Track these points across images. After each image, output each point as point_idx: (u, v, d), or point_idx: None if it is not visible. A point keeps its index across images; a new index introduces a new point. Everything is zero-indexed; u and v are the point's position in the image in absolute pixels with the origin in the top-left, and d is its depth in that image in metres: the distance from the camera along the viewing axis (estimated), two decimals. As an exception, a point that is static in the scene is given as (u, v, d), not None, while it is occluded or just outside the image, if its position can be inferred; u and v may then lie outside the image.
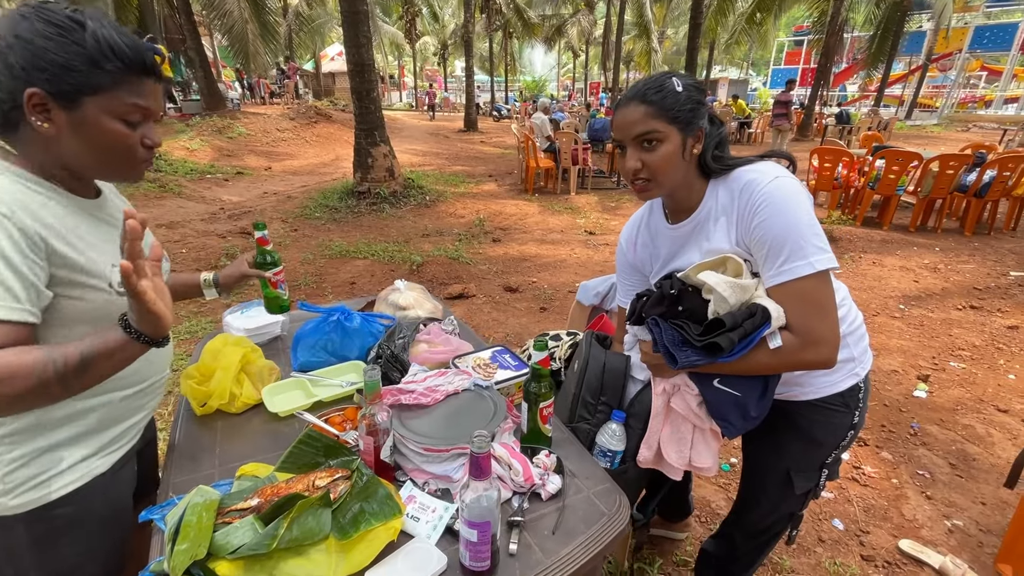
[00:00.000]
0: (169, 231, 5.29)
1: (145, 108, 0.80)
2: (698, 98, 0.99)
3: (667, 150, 0.98)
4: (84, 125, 0.76)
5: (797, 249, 0.92)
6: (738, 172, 1.02)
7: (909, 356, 3.22)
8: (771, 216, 0.94)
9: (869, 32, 17.84)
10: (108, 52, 0.74)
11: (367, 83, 6.34)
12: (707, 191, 1.06)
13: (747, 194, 0.98)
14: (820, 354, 0.96)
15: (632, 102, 0.99)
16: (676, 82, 0.98)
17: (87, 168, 0.82)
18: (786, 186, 0.95)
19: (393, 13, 27.39)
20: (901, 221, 6.20)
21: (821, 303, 0.94)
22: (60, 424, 0.84)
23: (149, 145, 0.83)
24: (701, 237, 1.07)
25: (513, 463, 0.93)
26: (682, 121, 0.98)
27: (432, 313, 1.52)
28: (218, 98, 12.12)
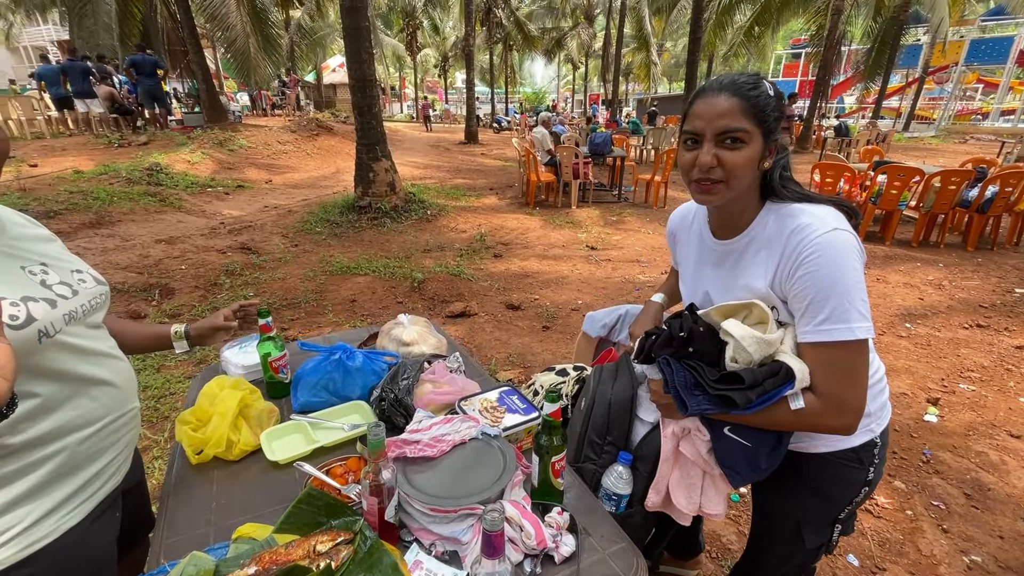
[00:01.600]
0: (168, 246, 5.25)
1: None
2: (782, 108, 0.94)
3: (748, 153, 0.91)
4: None
5: (841, 311, 0.87)
6: (795, 208, 0.95)
7: (918, 378, 3.17)
8: (819, 270, 0.88)
9: (867, 45, 17.99)
10: None
11: (369, 98, 6.35)
12: (759, 214, 1.00)
13: (797, 238, 0.91)
14: (842, 421, 0.92)
15: (724, 92, 0.91)
16: (768, 86, 0.92)
17: None
18: (842, 241, 0.88)
19: (395, 26, 27.63)
20: (903, 236, 6.18)
21: (853, 370, 0.89)
22: (15, 477, 0.79)
23: None
24: (737, 266, 1.02)
25: (525, 524, 0.88)
26: (768, 127, 0.92)
27: (436, 349, 1.48)
28: (220, 110, 12.15)
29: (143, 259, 4.78)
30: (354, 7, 5.97)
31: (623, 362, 1.26)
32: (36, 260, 0.89)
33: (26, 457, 0.80)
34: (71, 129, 10.58)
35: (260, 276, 4.64)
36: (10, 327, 0.77)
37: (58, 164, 8.03)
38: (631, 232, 6.58)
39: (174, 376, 2.99)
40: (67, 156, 8.47)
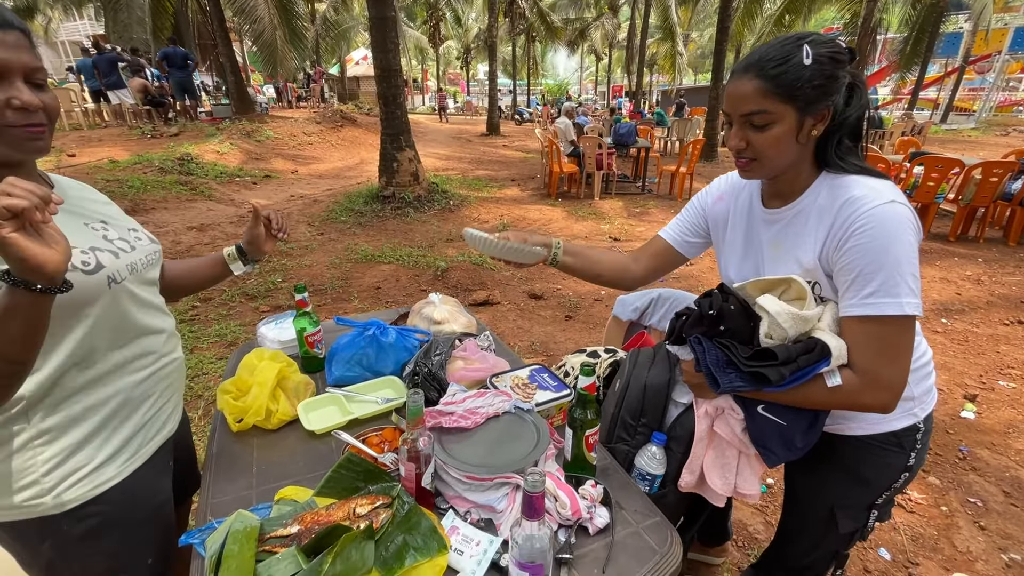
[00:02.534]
0: (200, 233, 5.39)
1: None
2: (831, 71, 0.87)
3: (778, 132, 0.89)
4: None
5: (891, 285, 0.84)
6: (850, 180, 0.91)
7: (954, 374, 3.08)
8: (871, 242, 0.85)
9: (903, 34, 17.32)
10: None
11: (393, 88, 6.38)
12: (813, 184, 0.96)
13: (849, 210, 0.88)
14: (879, 399, 0.89)
15: (747, 75, 0.89)
16: (806, 51, 0.86)
17: None
18: (898, 214, 0.85)
19: (418, 18, 27.69)
20: (940, 230, 5.97)
21: (897, 347, 0.86)
22: (83, 417, 0.85)
23: (18, 106, 0.72)
24: (786, 237, 0.99)
25: (559, 494, 0.89)
26: (803, 100, 0.87)
27: (467, 328, 1.49)
28: (247, 102, 12.37)
29: (175, 245, 4.91)
30: (380, -3, 5.99)
31: (661, 349, 1.24)
32: (97, 218, 0.93)
33: (87, 398, 0.85)
34: (106, 120, 10.91)
35: (287, 263, 4.73)
36: (83, 272, 0.81)
37: (95, 154, 8.30)
38: (655, 224, 6.50)
39: (207, 357, 3.08)
40: (103, 146, 8.73)
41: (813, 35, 0.89)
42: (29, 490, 0.81)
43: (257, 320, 3.57)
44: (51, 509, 0.83)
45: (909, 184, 5.84)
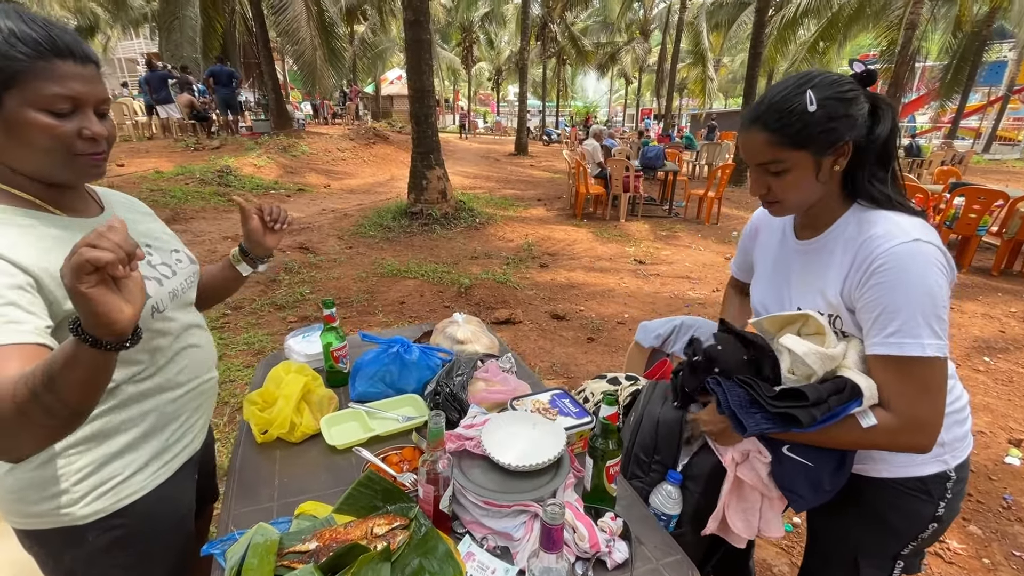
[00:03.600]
0: (234, 243, 5.56)
1: (71, 95, 0.72)
2: (841, 111, 0.86)
3: (795, 177, 0.89)
4: (11, 123, 0.71)
5: (912, 325, 0.82)
6: (879, 215, 0.89)
7: (997, 416, 2.92)
8: (892, 282, 0.83)
9: (943, 62, 16.95)
10: (12, 39, 0.68)
11: (426, 108, 6.55)
12: (844, 216, 0.94)
13: (870, 247, 0.86)
14: (916, 439, 0.86)
15: (754, 127, 0.89)
16: (809, 98, 0.85)
17: (35, 171, 0.76)
18: (922, 253, 0.82)
19: (452, 40, 28.46)
20: (982, 263, 5.73)
21: (927, 387, 0.84)
22: (120, 430, 0.87)
23: (88, 136, 0.75)
24: (813, 268, 0.98)
25: (578, 526, 0.87)
26: (815, 144, 0.86)
27: (489, 349, 1.50)
28: (286, 118, 12.86)
29: (211, 253, 5.09)
30: (417, 21, 6.19)
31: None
32: (142, 241, 0.94)
33: (125, 413, 0.87)
34: (154, 133, 11.48)
35: (316, 275, 4.84)
36: None
37: (141, 165, 8.72)
38: (681, 248, 6.43)
39: (234, 364, 3.16)
40: (149, 157, 9.17)
41: (818, 77, 0.88)
42: (58, 499, 0.82)
43: (284, 330, 3.67)
44: (77, 520, 0.84)
45: (949, 215, 5.66)
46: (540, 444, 0.97)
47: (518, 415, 1.07)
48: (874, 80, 0.90)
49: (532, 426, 1.04)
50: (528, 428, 1.03)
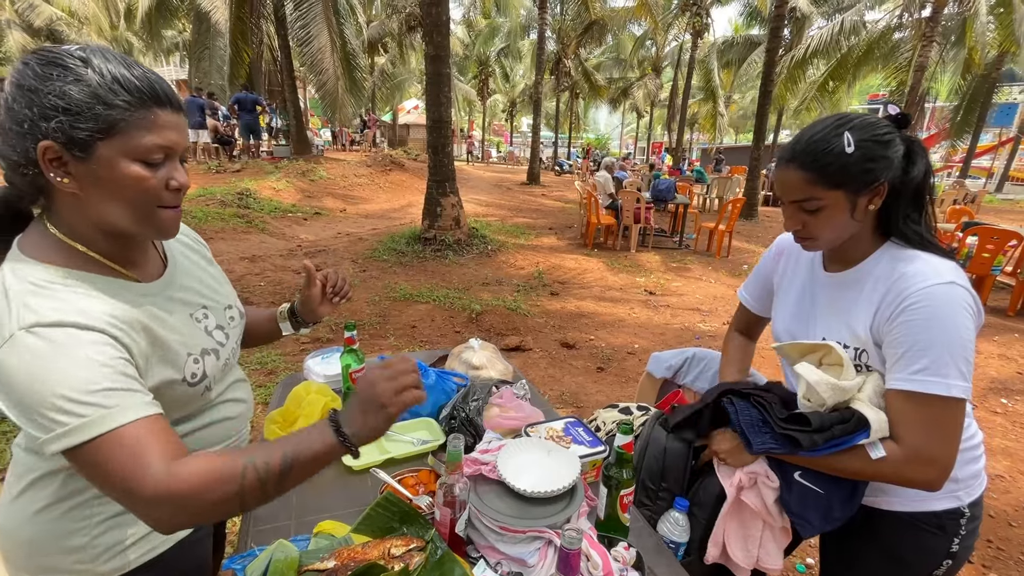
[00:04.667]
0: (251, 264, 5.69)
1: (167, 145, 0.70)
2: (879, 152, 0.88)
3: (830, 215, 0.91)
4: (103, 174, 0.67)
5: (940, 365, 0.84)
6: (912, 254, 0.91)
7: (1017, 460, 2.85)
8: (923, 320, 0.85)
9: (953, 103, 17.14)
10: (115, 86, 0.65)
11: (443, 138, 6.74)
12: (876, 252, 0.96)
13: (904, 284, 0.88)
14: (925, 475, 0.87)
15: (791, 165, 0.92)
16: (847, 139, 0.87)
17: (116, 226, 0.72)
18: (955, 296, 0.85)
19: (469, 72, 29.35)
20: (998, 303, 5.68)
21: (944, 426, 0.85)
22: None
23: (175, 187, 0.72)
24: (842, 302, 0.99)
25: (592, 554, 0.88)
26: (852, 184, 0.89)
27: (503, 375, 1.52)
28: (305, 144, 13.26)
29: (228, 274, 5.10)
30: (438, 56, 6.44)
31: None
32: (199, 303, 0.89)
33: None
34: (181, 156, 11.87)
35: (329, 297, 4.91)
36: (189, 384, 0.81)
37: (165, 185, 8.97)
38: (692, 280, 6.45)
39: (254, 382, 3.19)
40: (173, 179, 9.44)
41: (856, 119, 0.91)
42: (77, 554, 0.77)
43: (298, 351, 3.71)
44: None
45: (963, 254, 5.64)
46: (555, 471, 0.99)
47: (533, 442, 1.09)
48: (909, 123, 0.93)
49: (547, 453, 1.06)
50: (543, 455, 1.05)
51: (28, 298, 0.65)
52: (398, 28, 19.89)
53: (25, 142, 0.65)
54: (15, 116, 0.64)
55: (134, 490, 0.62)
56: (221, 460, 0.66)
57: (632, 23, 19.68)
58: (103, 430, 0.62)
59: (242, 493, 0.65)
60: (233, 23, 11.60)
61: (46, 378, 0.61)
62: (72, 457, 0.64)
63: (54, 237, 0.72)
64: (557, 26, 20.70)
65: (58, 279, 0.68)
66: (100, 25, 17.95)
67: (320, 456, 0.69)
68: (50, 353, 0.62)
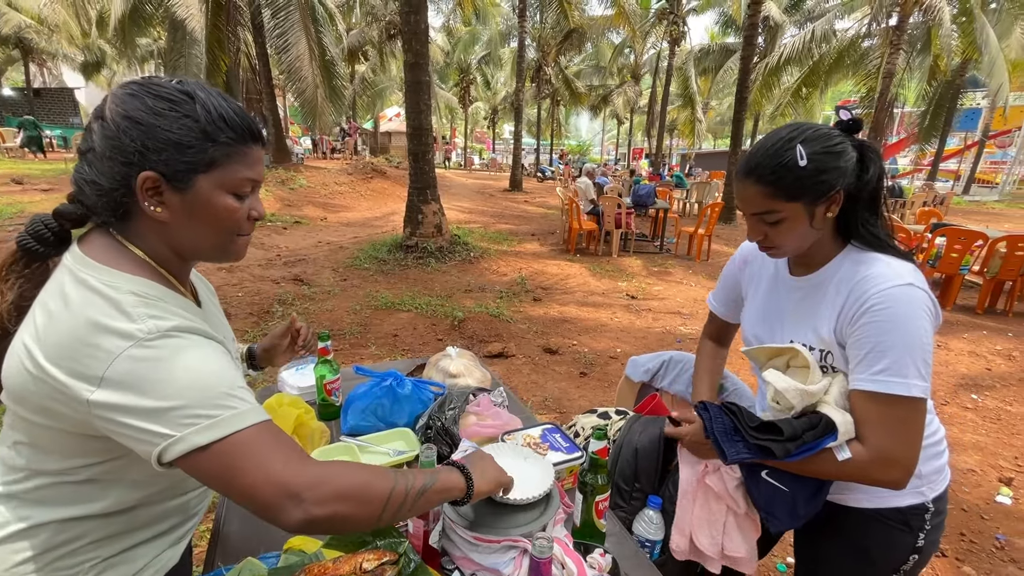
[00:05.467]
0: (228, 274, 5.59)
1: (256, 179, 0.74)
2: (831, 164, 0.89)
3: (790, 226, 0.93)
4: (197, 205, 0.69)
5: (901, 365, 0.86)
6: (873, 257, 0.94)
7: (987, 454, 2.93)
8: (884, 322, 0.87)
9: (921, 108, 17.72)
10: (220, 123, 0.67)
11: (423, 145, 6.73)
12: (837, 256, 0.98)
13: (865, 286, 0.90)
14: (890, 475, 0.89)
15: (748, 180, 0.94)
16: (800, 152, 0.88)
17: (196, 252, 0.75)
18: (914, 298, 0.87)
19: (450, 80, 29.42)
20: (966, 302, 5.85)
21: (906, 425, 0.88)
22: (144, 525, 0.79)
23: (255, 217, 0.76)
24: (806, 305, 1.01)
25: (567, 562, 0.87)
26: (808, 195, 0.90)
27: (481, 383, 1.51)
28: (285, 152, 13.13)
29: (205, 285, 5.10)
30: (417, 64, 6.44)
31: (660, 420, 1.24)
32: (228, 336, 0.91)
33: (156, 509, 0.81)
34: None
35: (310, 306, 4.85)
36: None
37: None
38: (673, 283, 6.52)
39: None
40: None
41: (808, 130, 0.92)
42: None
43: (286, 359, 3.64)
44: None
45: (932, 255, 5.81)
46: (530, 478, 0.98)
47: (508, 448, 1.08)
48: (860, 128, 0.95)
49: (523, 459, 1.05)
50: (519, 461, 1.04)
51: (141, 308, 0.65)
52: (378, 36, 19.89)
53: (125, 171, 0.66)
54: (122, 147, 0.65)
55: (286, 483, 0.63)
56: (369, 469, 0.72)
57: (611, 31, 19.97)
58: (254, 420, 0.66)
59: (386, 510, 0.70)
60: (209, 31, 11.44)
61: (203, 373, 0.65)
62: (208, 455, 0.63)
63: (132, 254, 0.71)
64: (537, 34, 20.90)
65: (153, 292, 0.69)
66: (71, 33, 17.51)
67: (448, 491, 0.78)
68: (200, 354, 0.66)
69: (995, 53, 12.00)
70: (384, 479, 0.70)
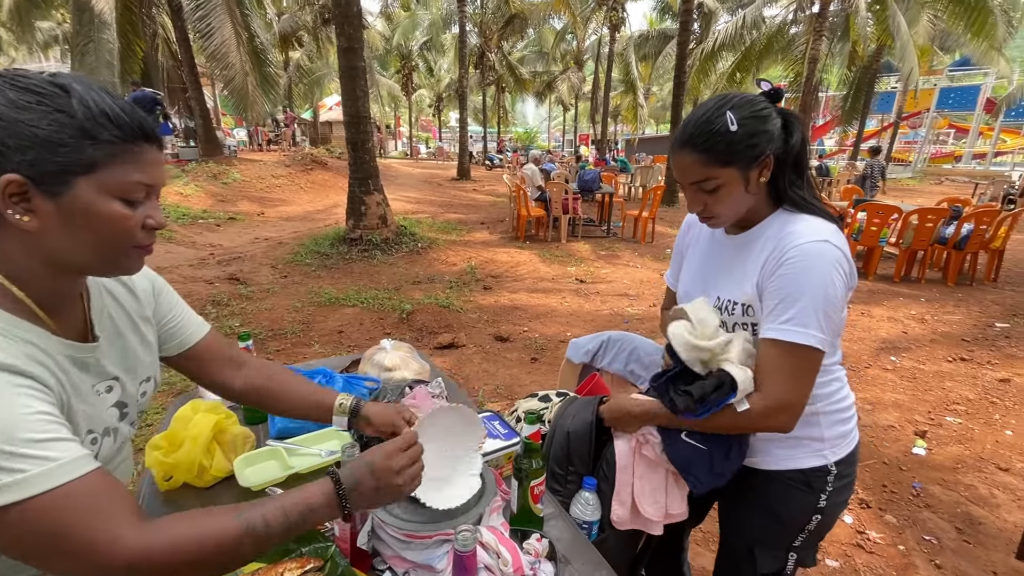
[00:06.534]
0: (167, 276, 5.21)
1: (150, 183, 0.66)
2: (759, 128, 0.93)
3: (727, 192, 0.95)
4: (76, 212, 0.60)
5: (804, 316, 0.90)
6: (798, 217, 0.98)
7: (905, 411, 3.18)
8: (796, 274, 0.91)
9: (843, 92, 18.84)
10: (103, 119, 0.60)
11: (362, 134, 6.49)
12: (769, 217, 1.02)
13: (785, 242, 0.94)
14: (779, 420, 0.95)
15: (684, 150, 0.95)
16: (730, 119, 0.91)
17: (80, 266, 0.66)
18: (827, 254, 0.91)
19: (391, 67, 28.55)
20: (885, 271, 6.31)
21: (801, 371, 0.93)
22: None
23: (153, 226, 0.67)
24: (737, 261, 1.04)
25: (502, 551, 0.85)
26: (741, 160, 0.93)
27: (419, 374, 1.47)
28: (215, 145, 12.33)
29: (128, 289, 4.72)
30: (351, 48, 6.18)
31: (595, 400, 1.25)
32: (111, 374, 0.77)
33: None
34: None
35: (247, 307, 4.60)
36: None
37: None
38: (620, 266, 6.66)
39: (152, 407, 2.91)
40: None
41: (735, 98, 0.95)
42: None
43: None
44: None
45: (855, 229, 6.21)
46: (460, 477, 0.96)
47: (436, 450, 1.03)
48: (781, 97, 0.99)
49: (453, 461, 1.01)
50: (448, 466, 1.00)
51: None
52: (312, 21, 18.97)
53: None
54: None
55: (97, 557, 0.54)
56: (208, 523, 0.61)
57: (552, 17, 19.96)
58: (49, 485, 0.54)
59: (238, 557, 0.62)
60: (120, 13, 10.53)
61: None
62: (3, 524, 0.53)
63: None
64: (478, 20, 20.59)
65: None
66: (-43, 15, 15.67)
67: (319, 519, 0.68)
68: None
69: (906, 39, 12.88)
70: (221, 521, 0.61)
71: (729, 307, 1.04)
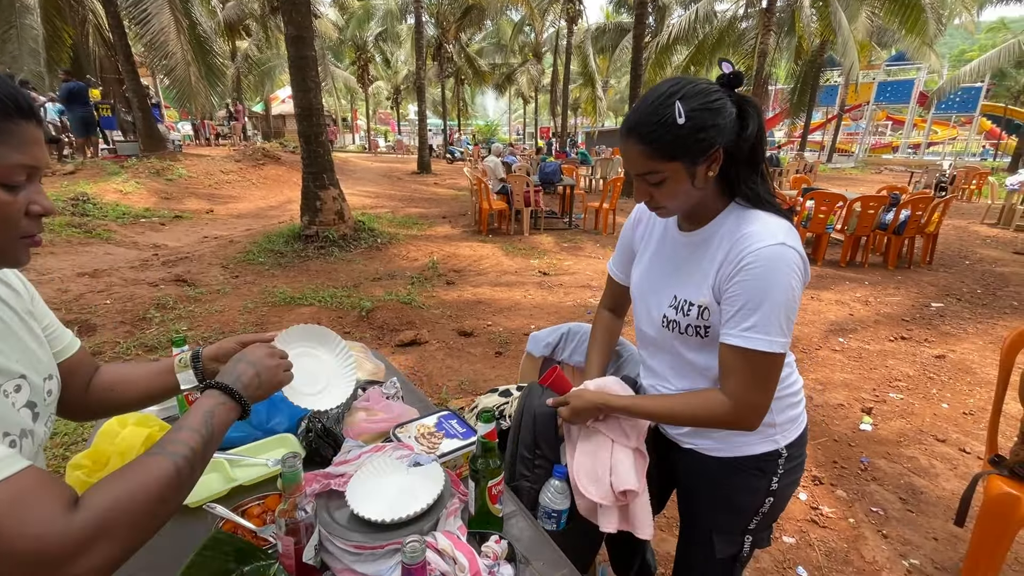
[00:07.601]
0: (92, 280, 4.87)
1: (32, 165, 0.61)
2: (708, 121, 0.87)
3: (672, 186, 0.92)
4: None
5: (766, 323, 0.89)
6: (753, 215, 0.95)
7: (852, 389, 3.33)
8: (756, 279, 0.89)
9: (790, 85, 19.59)
10: None
11: (315, 127, 6.26)
12: (723, 212, 0.99)
13: (741, 245, 0.91)
14: (747, 421, 0.97)
15: (629, 139, 0.91)
16: (678, 110, 0.86)
17: None
18: (784, 257, 0.89)
19: (346, 58, 27.73)
20: (833, 257, 6.60)
21: (765, 378, 0.94)
22: None
23: (39, 212, 0.63)
24: (691, 260, 1.02)
25: (458, 556, 0.82)
26: (687, 154, 0.89)
27: (372, 375, 1.41)
28: (157, 139, 11.63)
29: (61, 294, 4.39)
30: (300, 37, 5.93)
31: None
32: (17, 372, 0.70)
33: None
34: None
35: (195, 309, 4.36)
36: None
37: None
38: (582, 258, 6.70)
39: (69, 427, 2.71)
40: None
41: (688, 86, 0.89)
42: None
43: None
44: None
45: (804, 216, 6.46)
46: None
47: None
48: (741, 82, 0.93)
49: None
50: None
51: None
52: (260, 8, 18.16)
53: None
54: None
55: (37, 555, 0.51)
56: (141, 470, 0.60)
57: (510, 8, 19.81)
58: None
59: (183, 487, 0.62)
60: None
61: None
62: None
63: None
64: (434, 10, 20.22)
65: None
66: None
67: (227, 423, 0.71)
68: None
69: (847, 35, 13.49)
70: (164, 468, 0.61)
71: (685, 307, 1.01)
